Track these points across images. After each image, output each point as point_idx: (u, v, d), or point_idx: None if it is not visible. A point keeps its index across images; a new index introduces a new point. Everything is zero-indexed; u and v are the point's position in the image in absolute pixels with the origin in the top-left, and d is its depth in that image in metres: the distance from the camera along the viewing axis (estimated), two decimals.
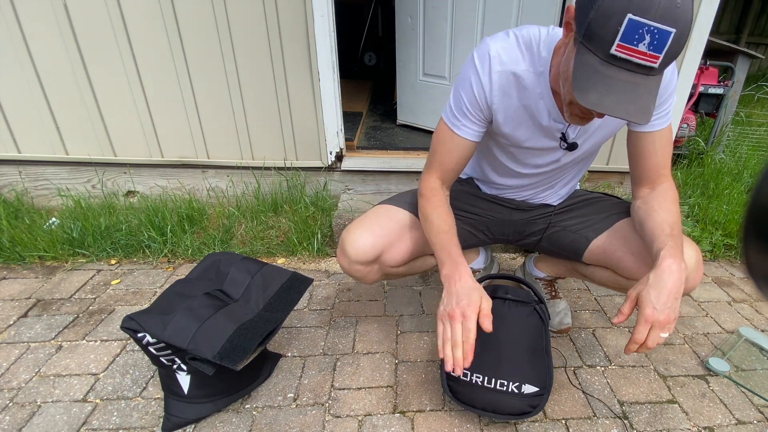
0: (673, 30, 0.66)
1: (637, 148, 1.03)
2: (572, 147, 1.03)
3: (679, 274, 0.85)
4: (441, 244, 1.00)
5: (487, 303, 0.90)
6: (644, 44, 0.68)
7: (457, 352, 0.87)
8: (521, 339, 1.06)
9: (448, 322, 0.90)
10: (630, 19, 0.67)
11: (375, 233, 1.10)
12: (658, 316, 0.84)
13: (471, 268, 1.47)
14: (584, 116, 0.86)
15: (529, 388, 1.03)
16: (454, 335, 0.88)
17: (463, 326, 0.88)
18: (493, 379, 1.03)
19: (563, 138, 1.02)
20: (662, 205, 0.98)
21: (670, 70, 0.95)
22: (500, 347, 1.05)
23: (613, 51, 0.70)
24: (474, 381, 1.04)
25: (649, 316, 0.85)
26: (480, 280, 1.12)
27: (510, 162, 1.13)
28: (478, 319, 0.88)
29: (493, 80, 0.95)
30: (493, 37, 0.95)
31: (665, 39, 0.67)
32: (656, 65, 0.70)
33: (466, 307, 0.89)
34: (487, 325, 0.89)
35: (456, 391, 1.08)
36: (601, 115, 0.83)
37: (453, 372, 0.87)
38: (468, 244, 1.29)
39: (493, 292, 1.09)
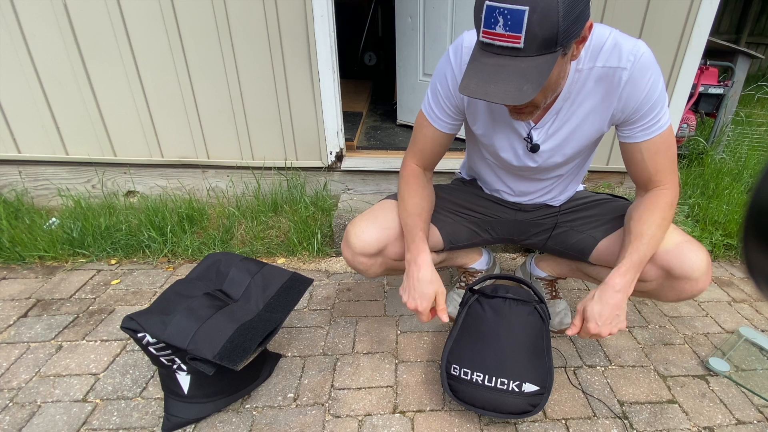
0: (526, 8, 0.68)
1: (627, 157, 1.03)
2: (534, 149, 1.03)
3: (624, 292, 0.94)
4: (408, 227, 1.07)
5: (442, 296, 1.01)
6: (500, 26, 0.71)
7: (422, 318, 1.03)
8: (522, 338, 1.06)
9: (409, 302, 1.03)
10: (487, 6, 0.71)
11: (380, 226, 1.12)
12: (600, 331, 0.95)
13: (474, 268, 1.47)
14: (510, 109, 0.91)
15: (529, 387, 1.03)
16: (422, 304, 1.02)
17: (418, 319, 1.03)
18: (494, 378, 1.03)
19: (528, 139, 1.02)
20: (642, 216, 1.00)
21: (650, 78, 0.89)
22: (501, 346, 1.05)
23: (480, 38, 0.76)
24: (474, 380, 1.04)
25: (592, 330, 0.95)
26: (482, 280, 1.14)
27: (495, 165, 1.16)
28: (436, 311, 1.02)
29: (463, 71, 0.95)
30: (470, 31, 0.97)
31: (520, 18, 0.69)
32: (520, 45, 0.72)
33: (419, 301, 1.00)
34: (444, 318, 1.01)
35: (456, 390, 1.08)
36: (525, 107, 0.87)
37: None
38: (472, 242, 1.29)
39: (493, 291, 1.10)
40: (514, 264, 1.80)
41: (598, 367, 1.29)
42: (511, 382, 1.03)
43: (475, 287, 1.14)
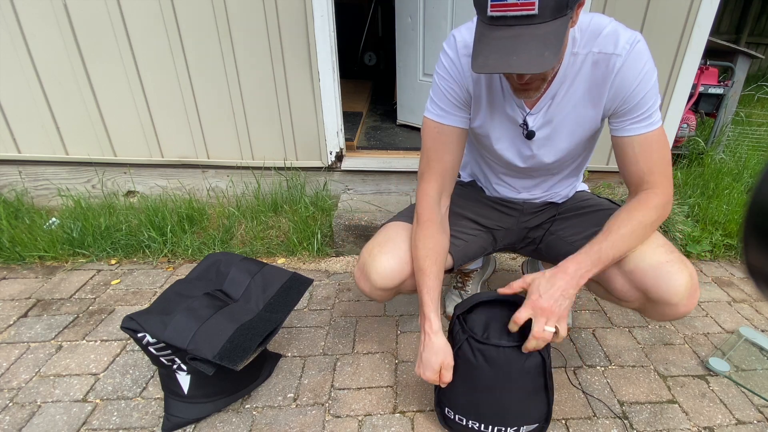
0: None
1: (618, 153, 0.99)
2: (530, 135, 1.01)
3: (575, 280, 0.90)
4: (418, 283, 1.03)
5: (448, 370, 0.98)
6: None
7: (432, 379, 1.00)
8: (519, 384, 0.97)
9: (420, 366, 1.02)
10: None
11: (401, 260, 1.05)
12: (541, 303, 0.89)
13: (468, 268, 1.47)
14: (516, 86, 0.87)
15: (528, 427, 1.00)
16: (428, 374, 1.00)
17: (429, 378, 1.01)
18: (491, 426, 0.99)
19: (524, 125, 1.00)
20: (620, 215, 0.96)
21: (643, 66, 0.89)
22: (497, 396, 0.98)
23: (489, 13, 0.73)
24: (470, 426, 1.01)
25: (535, 302, 0.90)
26: (469, 310, 1.04)
27: (492, 157, 1.13)
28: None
29: (463, 64, 0.96)
30: (459, 27, 0.97)
31: None
32: (535, 11, 0.70)
33: (424, 371, 1.00)
34: (446, 378, 0.98)
35: (452, 428, 1.05)
36: (531, 81, 0.84)
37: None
38: (475, 255, 1.25)
39: (485, 333, 0.97)
40: (514, 264, 1.80)
41: (598, 367, 1.28)
42: (509, 428, 0.99)
43: (461, 315, 1.02)
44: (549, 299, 0.89)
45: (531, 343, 0.90)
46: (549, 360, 0.99)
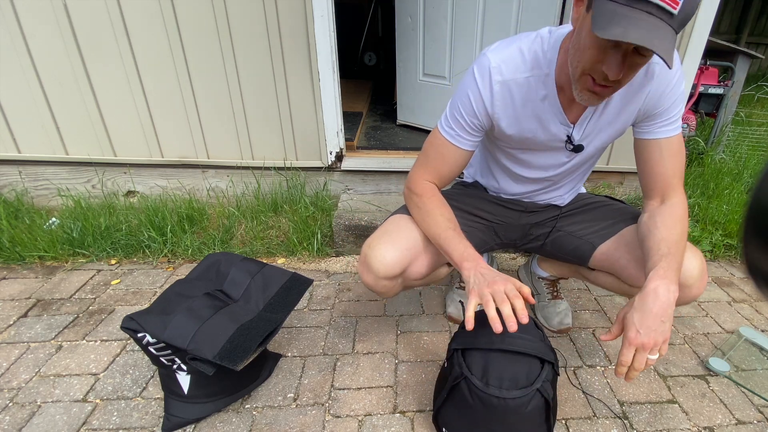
0: None
1: (644, 156, 1.01)
2: (578, 149, 1.03)
3: (666, 296, 0.85)
4: (453, 242, 0.99)
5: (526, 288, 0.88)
6: None
7: (506, 308, 0.83)
8: (518, 427, 0.93)
9: (487, 289, 0.86)
10: None
11: (401, 247, 1.06)
12: (641, 339, 0.85)
13: None
14: (597, 89, 0.83)
15: None
16: (498, 296, 0.84)
17: (507, 289, 0.85)
18: None
19: (569, 140, 1.01)
20: (666, 223, 0.96)
21: (677, 73, 0.93)
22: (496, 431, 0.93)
23: None
24: None
25: (633, 340, 0.86)
26: (466, 342, 0.99)
27: (517, 167, 1.12)
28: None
29: (494, 91, 0.95)
30: (493, 49, 0.95)
31: None
32: (675, 11, 0.69)
33: (507, 279, 0.87)
34: (522, 320, 0.84)
35: None
36: (617, 81, 0.80)
37: (508, 330, 0.82)
38: (476, 248, 1.26)
39: (483, 378, 0.90)
40: (514, 264, 1.80)
41: (598, 367, 1.29)
42: None
43: (460, 347, 0.96)
44: (648, 332, 0.85)
45: (632, 374, 0.87)
46: (554, 401, 0.94)
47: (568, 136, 1.01)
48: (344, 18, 2.88)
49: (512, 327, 0.82)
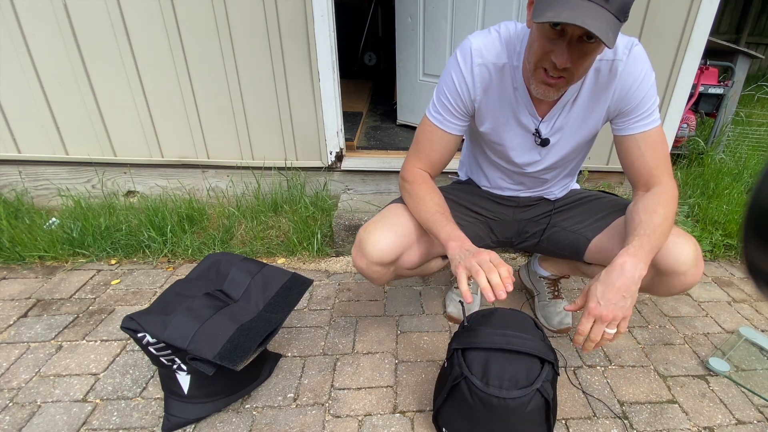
0: None
1: (624, 151, 1.03)
2: (545, 143, 1.06)
3: (632, 273, 0.86)
4: (441, 223, 1.01)
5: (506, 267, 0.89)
6: None
7: (494, 276, 0.85)
8: (518, 427, 0.93)
9: (473, 259, 0.88)
10: None
11: (396, 233, 1.08)
12: (600, 311, 0.86)
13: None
14: (551, 81, 0.87)
15: None
16: (485, 264, 0.86)
17: (492, 258, 0.88)
18: None
19: (537, 133, 1.05)
20: (647, 207, 0.97)
21: (642, 69, 0.95)
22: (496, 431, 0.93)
23: None
24: None
25: (592, 310, 0.87)
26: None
27: (502, 161, 1.16)
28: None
29: (474, 74, 0.98)
30: (475, 34, 0.99)
31: None
32: None
33: (490, 251, 0.90)
34: (508, 288, 0.85)
35: None
36: (567, 71, 0.83)
37: (496, 298, 0.83)
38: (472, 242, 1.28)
39: (484, 378, 0.90)
40: (515, 264, 1.80)
41: (598, 367, 1.29)
42: None
43: (460, 347, 0.96)
44: (608, 305, 0.86)
45: (588, 345, 0.88)
46: (554, 401, 0.93)
47: (536, 129, 1.04)
48: (344, 18, 2.88)
49: (501, 295, 0.84)
